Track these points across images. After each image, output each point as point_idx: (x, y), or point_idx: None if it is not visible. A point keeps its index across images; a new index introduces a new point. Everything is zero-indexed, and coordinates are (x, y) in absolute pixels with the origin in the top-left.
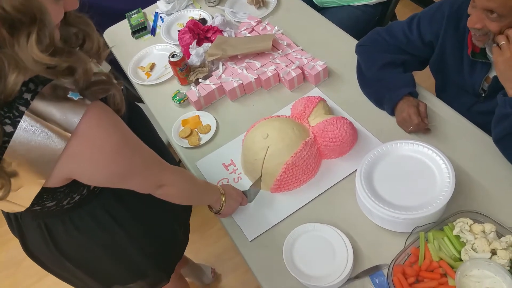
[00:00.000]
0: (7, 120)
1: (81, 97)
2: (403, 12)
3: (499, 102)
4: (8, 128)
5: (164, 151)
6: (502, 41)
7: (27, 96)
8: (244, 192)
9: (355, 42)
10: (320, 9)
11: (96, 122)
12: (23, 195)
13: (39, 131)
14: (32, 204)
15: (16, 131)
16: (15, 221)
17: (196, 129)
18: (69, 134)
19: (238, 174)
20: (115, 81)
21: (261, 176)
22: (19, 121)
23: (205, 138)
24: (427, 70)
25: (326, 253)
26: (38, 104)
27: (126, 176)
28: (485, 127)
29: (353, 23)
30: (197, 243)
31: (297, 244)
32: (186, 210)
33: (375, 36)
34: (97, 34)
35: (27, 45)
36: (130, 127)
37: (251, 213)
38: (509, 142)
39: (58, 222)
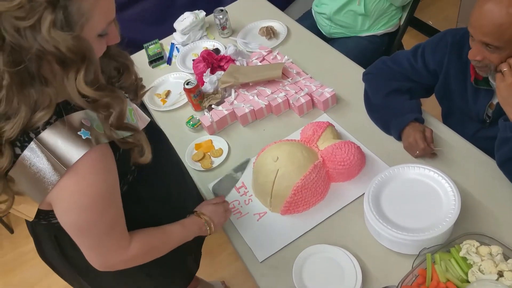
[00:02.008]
0: (17, 143)
1: (90, 137)
2: (410, 42)
3: (500, 127)
4: (17, 150)
5: (186, 175)
6: (504, 68)
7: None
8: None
9: (362, 70)
10: (329, 40)
11: (92, 164)
12: (25, 210)
13: (41, 159)
14: (39, 218)
15: (22, 154)
16: (31, 226)
17: (209, 153)
18: (64, 169)
19: (249, 196)
20: (140, 143)
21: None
22: (26, 146)
23: (217, 161)
24: (434, 98)
25: (335, 274)
26: (48, 135)
27: (85, 229)
28: (491, 152)
29: (360, 52)
30: (207, 268)
31: (306, 265)
32: (197, 239)
33: (381, 65)
34: (135, 70)
35: (75, 80)
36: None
37: (262, 235)
38: (511, 166)
39: (66, 237)
